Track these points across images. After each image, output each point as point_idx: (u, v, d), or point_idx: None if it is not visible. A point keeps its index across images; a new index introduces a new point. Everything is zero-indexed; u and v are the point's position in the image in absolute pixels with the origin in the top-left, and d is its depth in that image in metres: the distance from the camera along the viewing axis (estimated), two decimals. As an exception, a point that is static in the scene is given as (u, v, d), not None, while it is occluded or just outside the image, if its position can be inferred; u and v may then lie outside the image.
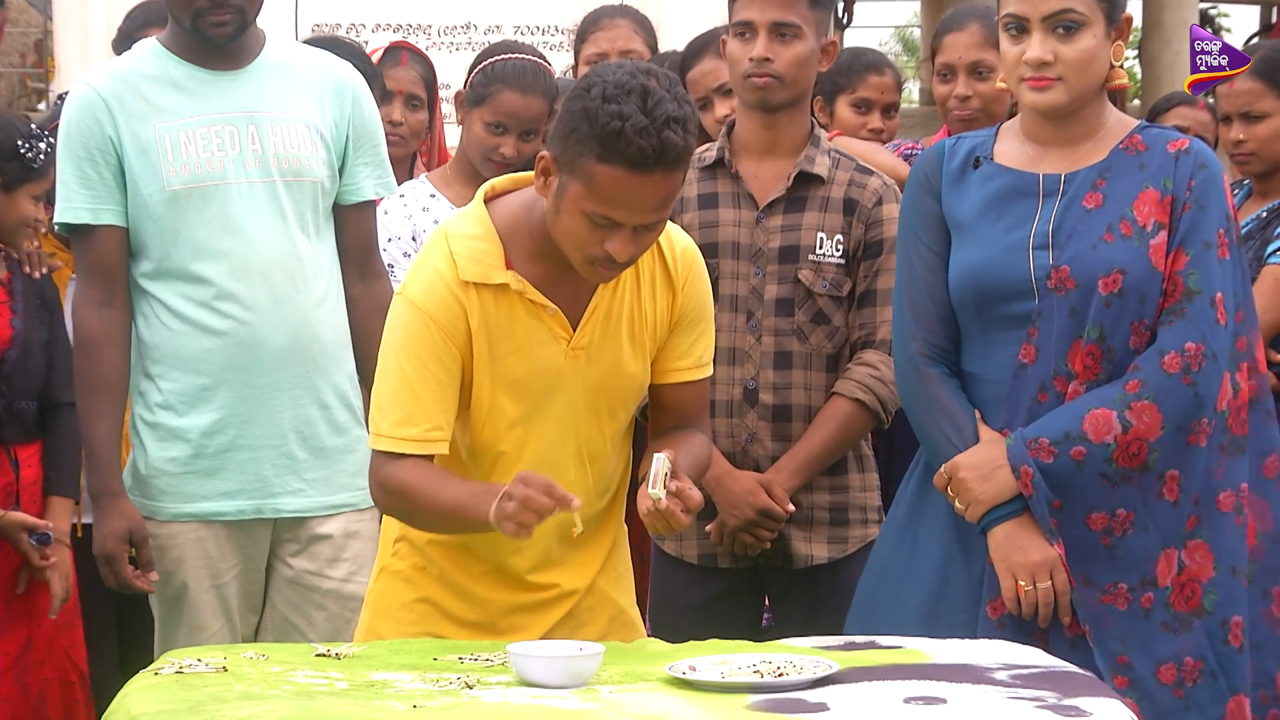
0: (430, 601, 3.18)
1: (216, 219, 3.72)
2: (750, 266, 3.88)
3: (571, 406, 3.11)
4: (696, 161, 3.92)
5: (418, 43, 6.12)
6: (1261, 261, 4.51)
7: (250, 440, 3.75)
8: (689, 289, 3.16)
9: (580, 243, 2.95)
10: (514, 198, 3.11)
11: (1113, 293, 3.29)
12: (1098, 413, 3.25)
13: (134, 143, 3.71)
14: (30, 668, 4.32)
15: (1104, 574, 3.27)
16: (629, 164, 2.86)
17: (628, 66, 2.93)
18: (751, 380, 3.87)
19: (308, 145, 3.79)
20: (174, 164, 3.71)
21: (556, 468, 3.11)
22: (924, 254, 3.45)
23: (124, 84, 3.75)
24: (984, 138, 3.49)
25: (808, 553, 3.90)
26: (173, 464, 3.76)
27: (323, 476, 3.82)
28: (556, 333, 3.07)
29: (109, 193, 3.73)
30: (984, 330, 3.38)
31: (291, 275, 3.76)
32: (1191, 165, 3.33)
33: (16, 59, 17.15)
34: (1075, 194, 3.35)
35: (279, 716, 2.53)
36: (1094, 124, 3.39)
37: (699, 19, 5.90)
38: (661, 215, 2.95)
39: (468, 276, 3.03)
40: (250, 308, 3.72)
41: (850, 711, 2.56)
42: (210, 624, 3.79)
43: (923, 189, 3.48)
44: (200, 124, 3.73)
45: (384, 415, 3.05)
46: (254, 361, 3.73)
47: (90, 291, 3.76)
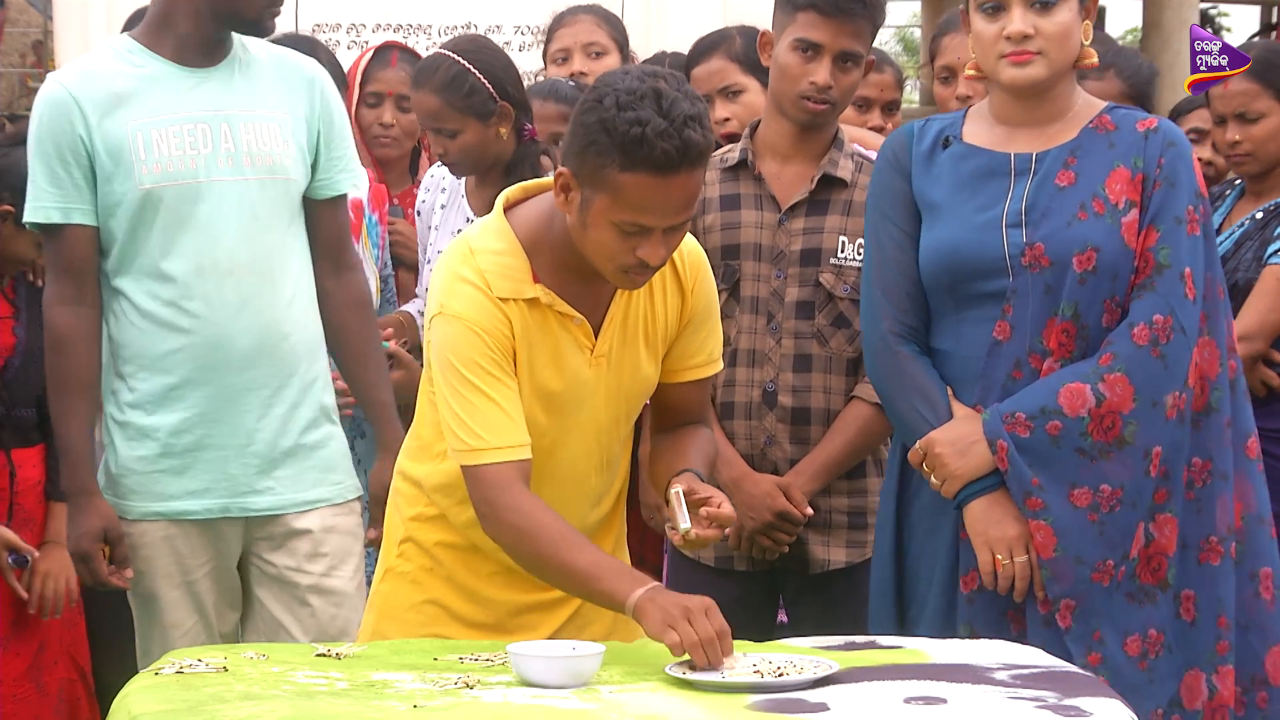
0: (438, 603, 3.18)
1: (188, 217, 3.71)
2: (771, 269, 3.88)
3: (595, 415, 3.12)
4: (719, 162, 3.93)
5: (417, 43, 6.13)
6: (1261, 262, 4.51)
7: (218, 439, 3.74)
8: (698, 289, 3.17)
9: (612, 253, 2.94)
10: (532, 208, 3.10)
11: (1087, 270, 3.31)
12: (1072, 386, 3.27)
13: (105, 142, 3.70)
14: (45, 667, 4.34)
15: (1094, 552, 3.28)
16: (654, 168, 2.85)
17: (634, 72, 2.93)
18: (771, 383, 3.87)
19: (280, 142, 3.79)
20: (146, 162, 3.69)
21: (579, 475, 3.12)
22: (894, 233, 3.47)
23: (95, 82, 3.74)
24: (953, 119, 3.52)
25: (825, 557, 3.90)
26: (141, 462, 3.75)
27: (293, 474, 3.80)
28: (581, 342, 3.07)
29: (79, 192, 3.71)
30: (957, 308, 3.40)
31: (261, 274, 3.75)
32: (1161, 143, 3.36)
33: (16, 59, 17.16)
34: (1047, 172, 3.37)
35: (279, 716, 2.54)
36: (1064, 104, 3.42)
37: (698, 19, 5.89)
38: (689, 214, 2.95)
39: (500, 293, 3.01)
40: (218, 307, 3.71)
41: (850, 711, 2.56)
42: (183, 621, 3.79)
43: (892, 169, 3.49)
44: (174, 122, 3.72)
45: (473, 432, 2.97)
46: (222, 361, 3.72)
47: (61, 290, 3.75)
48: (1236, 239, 4.60)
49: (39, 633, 4.31)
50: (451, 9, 6.56)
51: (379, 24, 6.54)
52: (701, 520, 2.97)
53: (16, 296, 4.31)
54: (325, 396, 3.88)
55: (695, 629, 2.76)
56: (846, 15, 3.76)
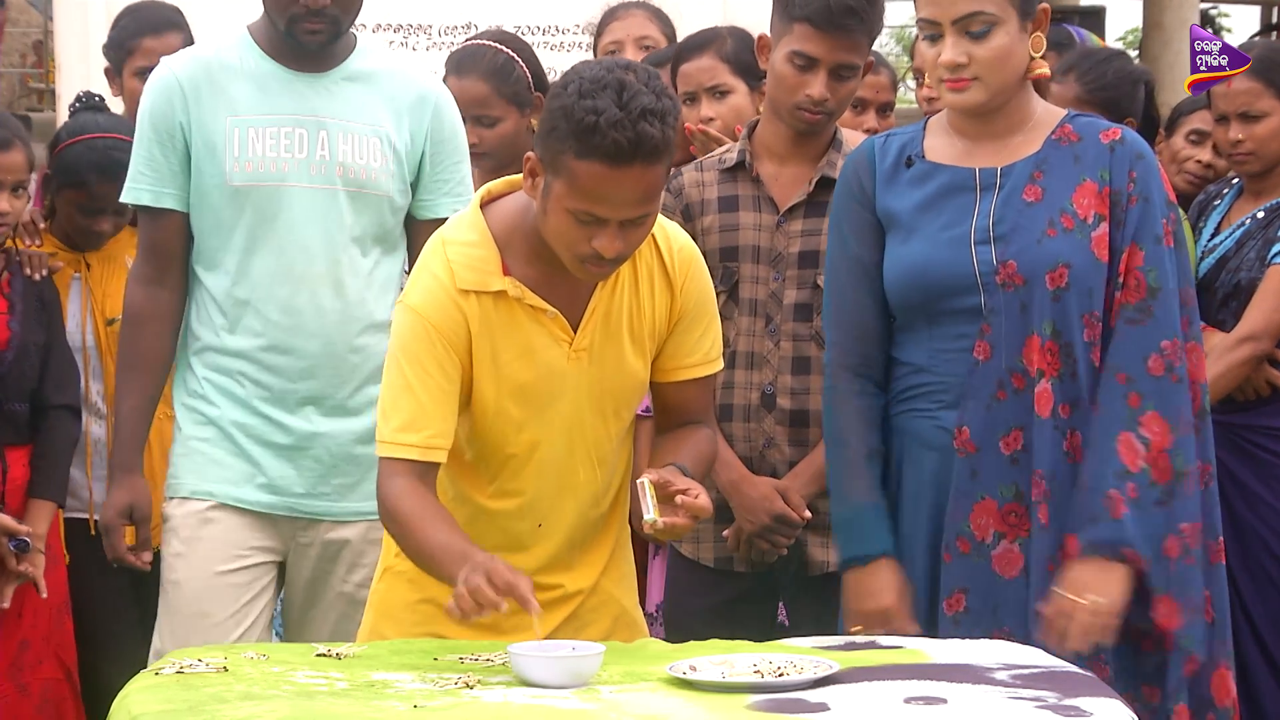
0: (434, 602, 3.17)
1: (270, 220, 3.71)
2: (770, 271, 3.87)
3: (577, 409, 3.11)
4: (717, 163, 3.92)
5: (417, 43, 6.13)
6: (1264, 262, 4.51)
7: (277, 440, 3.75)
8: (688, 286, 3.16)
9: (568, 241, 2.95)
10: (509, 201, 3.11)
11: (1060, 287, 3.30)
12: (1123, 438, 3.25)
13: (202, 133, 3.72)
14: (27, 667, 4.32)
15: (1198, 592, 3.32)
16: (605, 158, 2.86)
17: (606, 63, 2.94)
18: (769, 385, 3.87)
19: (378, 157, 3.77)
20: (239, 159, 3.71)
21: (565, 470, 3.12)
22: (849, 261, 3.46)
23: (203, 71, 3.75)
24: (913, 134, 3.49)
25: (824, 559, 3.89)
26: (203, 444, 3.77)
27: (350, 483, 3.79)
28: (558, 335, 3.07)
29: (173, 177, 3.75)
30: (929, 324, 3.39)
31: (336, 285, 3.74)
32: (1129, 156, 3.35)
33: (16, 59, 17.16)
34: (1014, 187, 3.36)
35: (279, 716, 2.54)
36: (1021, 116, 3.40)
37: (699, 19, 5.89)
38: (646, 209, 2.95)
39: (465, 285, 3.02)
40: (290, 313, 3.72)
41: (850, 711, 2.56)
42: (214, 612, 3.75)
43: (851, 191, 3.48)
44: (270, 123, 3.72)
45: (388, 421, 3.04)
46: (286, 366, 3.73)
47: (143, 269, 3.82)
48: (1238, 239, 4.60)
49: (19, 632, 4.30)
50: (451, 9, 6.56)
51: (379, 24, 6.54)
52: (677, 510, 2.93)
53: (12, 290, 4.30)
54: None
55: (469, 583, 2.79)
56: (842, 30, 3.74)
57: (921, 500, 3.40)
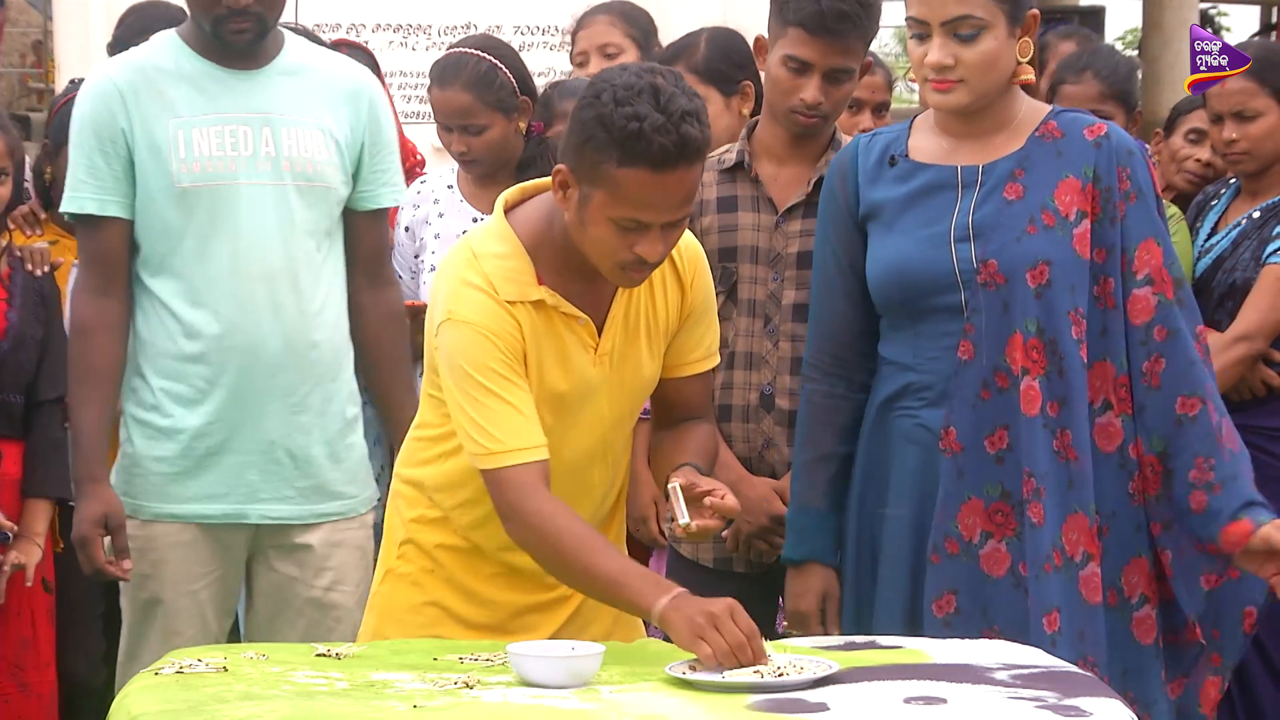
0: (438, 605, 3.17)
1: (222, 219, 3.70)
2: (768, 271, 3.87)
3: (599, 413, 3.12)
4: (716, 164, 3.93)
5: (417, 43, 6.13)
6: (1260, 262, 4.51)
7: (238, 445, 3.74)
8: (696, 284, 3.17)
9: (610, 250, 2.94)
10: (531, 209, 3.09)
11: (1041, 285, 3.30)
12: (1224, 425, 3.34)
13: (146, 137, 3.69)
14: (30, 667, 4.33)
15: None
16: (652, 164, 2.86)
17: (632, 68, 2.93)
18: (768, 385, 3.87)
19: (322, 150, 3.77)
20: (185, 161, 3.69)
21: (582, 473, 3.12)
22: (829, 261, 3.50)
23: (141, 76, 3.73)
24: (898, 133, 3.50)
25: None
26: (158, 463, 3.75)
27: (312, 485, 3.79)
28: (586, 342, 3.07)
29: (116, 184, 3.71)
30: (912, 321, 3.40)
31: (293, 281, 3.73)
32: (1119, 153, 3.35)
33: (16, 59, 17.16)
34: (995, 185, 3.36)
35: (279, 716, 2.54)
36: (1005, 116, 3.40)
37: (698, 19, 5.89)
38: (686, 210, 2.95)
39: (507, 296, 3.00)
40: (248, 311, 3.70)
41: (850, 711, 2.56)
42: (185, 629, 3.76)
43: (834, 190, 3.51)
44: (214, 123, 3.71)
45: (490, 435, 2.95)
46: (247, 366, 3.71)
47: (89, 280, 3.76)
48: (1234, 238, 4.60)
49: (19, 630, 4.30)
50: (451, 9, 6.55)
51: (379, 24, 6.53)
52: (705, 511, 2.96)
53: (12, 282, 4.30)
54: (349, 408, 3.86)
55: (724, 635, 2.75)
56: (835, 35, 3.73)
57: (905, 498, 3.40)
